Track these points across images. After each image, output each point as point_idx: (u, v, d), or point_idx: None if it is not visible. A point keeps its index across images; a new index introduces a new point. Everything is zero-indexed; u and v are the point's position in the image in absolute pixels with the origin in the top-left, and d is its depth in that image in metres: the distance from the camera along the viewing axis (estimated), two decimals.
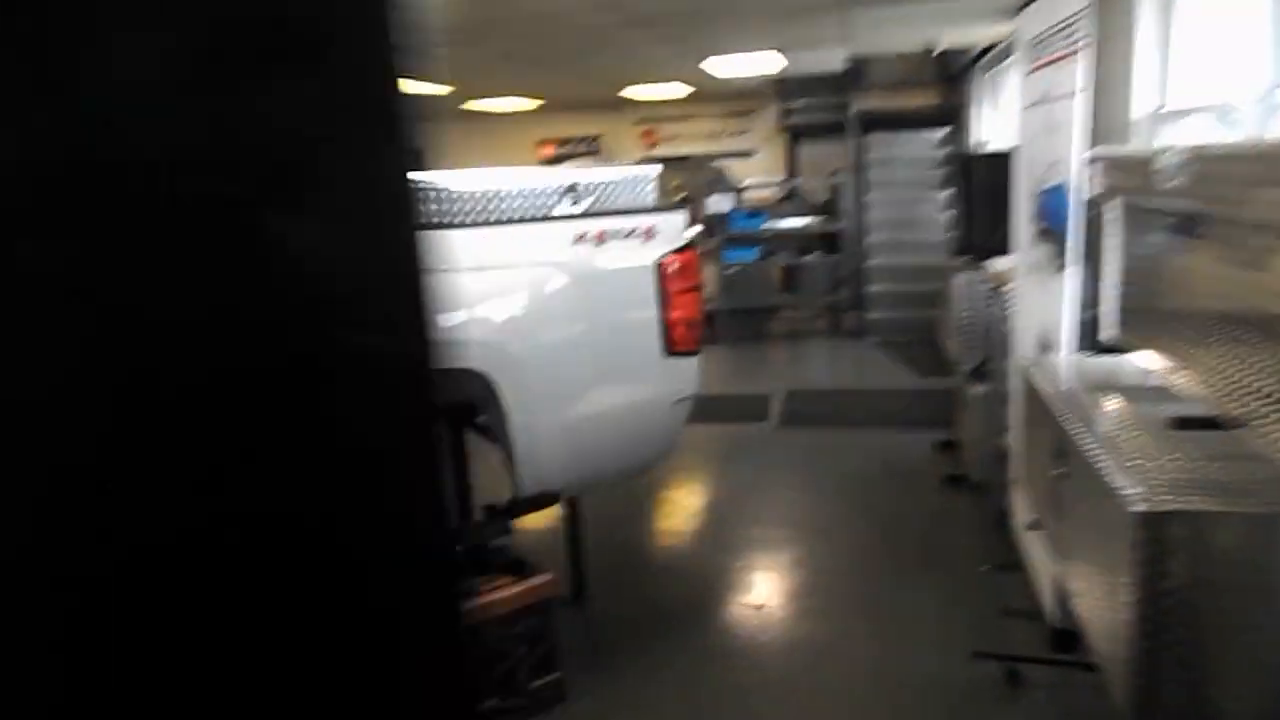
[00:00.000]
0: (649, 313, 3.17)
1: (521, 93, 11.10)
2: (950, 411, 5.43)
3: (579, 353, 3.02)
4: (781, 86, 11.46)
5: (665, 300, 3.19)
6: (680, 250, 3.25)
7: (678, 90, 11.30)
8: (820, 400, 6.92)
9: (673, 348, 3.24)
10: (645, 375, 3.22)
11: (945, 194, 9.64)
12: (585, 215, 3.08)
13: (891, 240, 9.49)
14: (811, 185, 11.91)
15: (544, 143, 13.42)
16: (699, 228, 10.53)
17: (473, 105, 11.76)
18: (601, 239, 3.05)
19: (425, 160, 0.88)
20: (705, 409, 7.11)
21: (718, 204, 9.09)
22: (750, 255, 9.25)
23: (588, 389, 3.07)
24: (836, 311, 9.55)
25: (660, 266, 3.17)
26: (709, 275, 9.53)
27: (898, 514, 4.55)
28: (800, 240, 9.52)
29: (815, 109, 11.62)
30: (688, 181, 12.68)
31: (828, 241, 9.42)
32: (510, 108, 12.32)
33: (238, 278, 0.75)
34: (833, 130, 11.52)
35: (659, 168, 3.28)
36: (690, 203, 10.94)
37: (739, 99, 12.65)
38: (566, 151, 13.39)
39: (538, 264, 2.92)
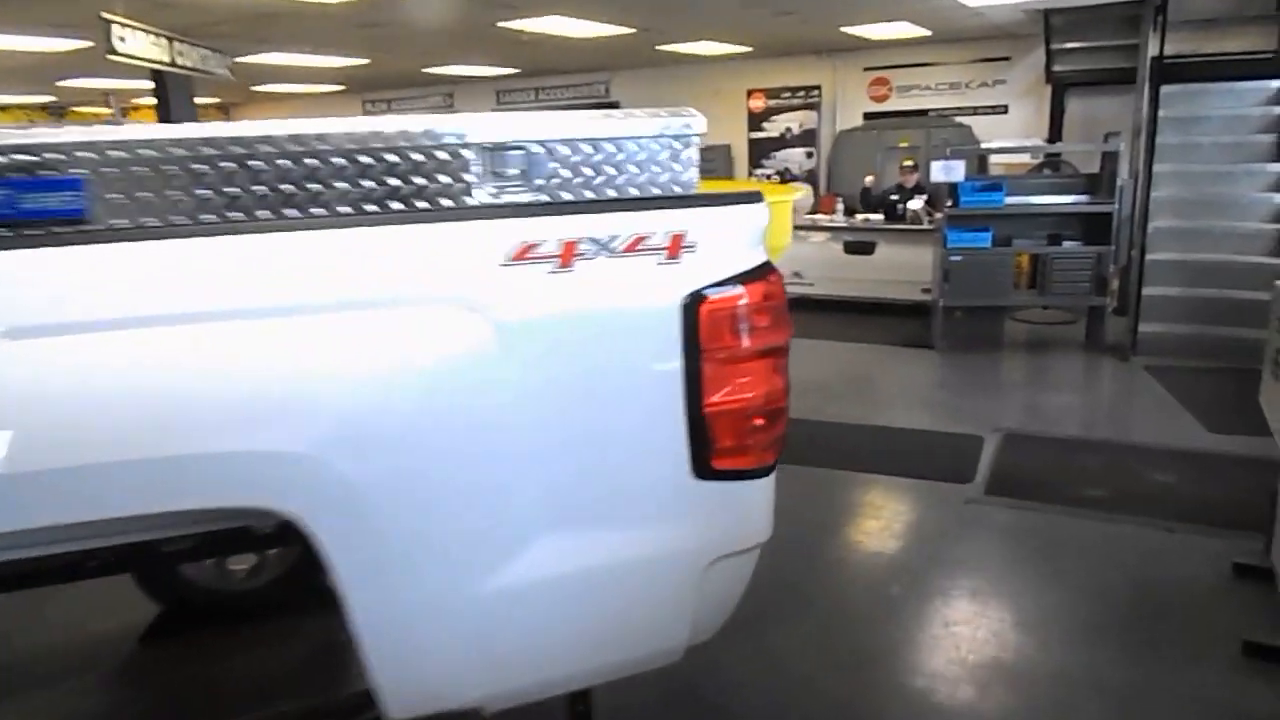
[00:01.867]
0: (664, 398, 1.65)
1: (719, 36, 9.52)
2: (1267, 511, 3.41)
3: (507, 473, 1.57)
4: (1050, 25, 9.08)
5: (703, 374, 1.65)
6: (746, 278, 1.69)
7: (911, 31, 9.24)
8: (1052, 455, 4.96)
9: (713, 464, 1.70)
10: (652, 513, 1.71)
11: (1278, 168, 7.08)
12: (534, 209, 1.60)
13: (1185, 228, 7.11)
14: (1078, 151, 9.46)
15: (754, 93, 11.75)
16: (921, 201, 8.54)
17: (671, 49, 10.33)
18: (570, 255, 1.56)
19: None
20: (886, 450, 5.22)
21: (945, 171, 7.10)
22: (983, 239, 7.20)
23: (527, 539, 1.61)
24: (1097, 319, 7.30)
25: (696, 311, 1.63)
26: (929, 260, 7.58)
27: (1156, 713, 2.72)
28: (1054, 222, 7.33)
29: (1093, 53, 9.14)
30: (923, 142, 10.61)
31: (1093, 226, 7.17)
32: (715, 52, 10.77)
33: None
34: (1114, 81, 9.05)
35: (699, 120, 1.71)
36: (914, 170, 8.93)
37: (991, 41, 10.32)
38: (779, 104, 11.66)
39: (415, 304, 1.49)
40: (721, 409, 1.69)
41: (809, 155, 11.62)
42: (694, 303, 1.64)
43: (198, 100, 16.36)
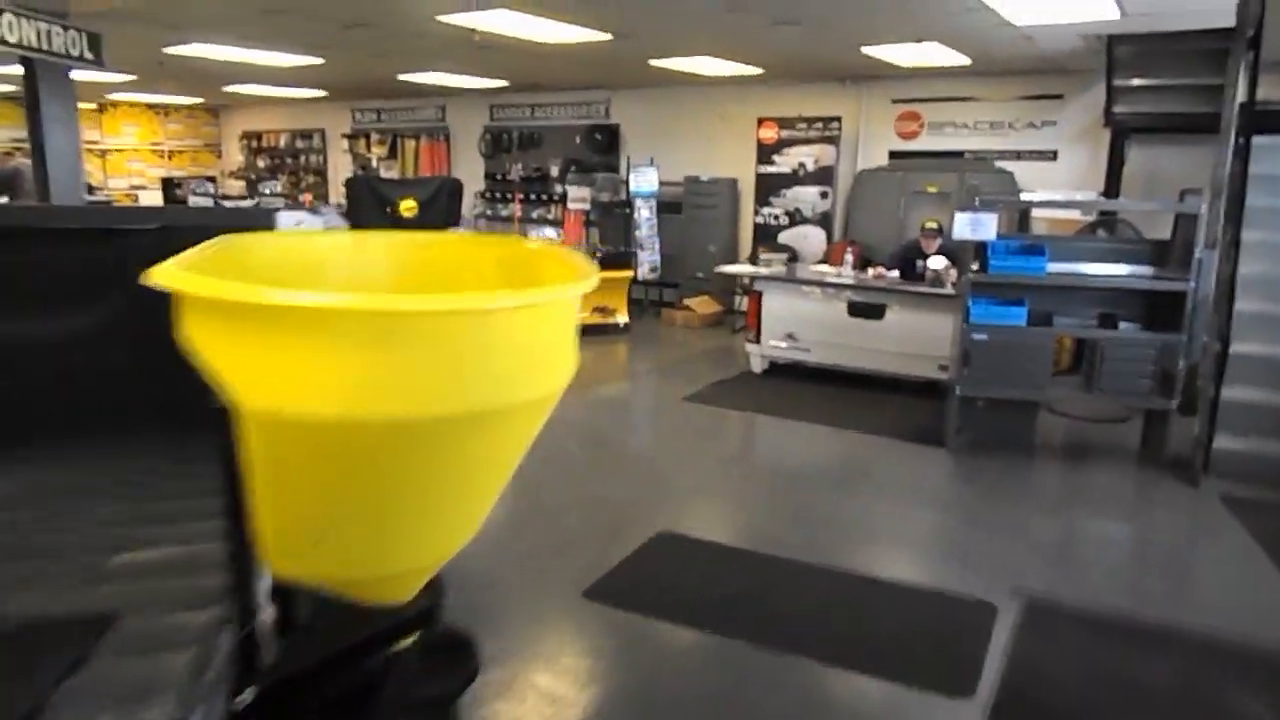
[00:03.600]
0: None
1: (716, 51, 8.12)
2: None
3: None
4: (1113, 57, 7.59)
5: None
6: None
7: (946, 57, 7.80)
8: (1093, 649, 3.43)
9: None
10: None
11: None
12: None
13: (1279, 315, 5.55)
14: (1142, 211, 7.92)
15: (765, 121, 10.32)
16: (944, 261, 7.04)
17: (671, 65, 8.98)
18: None
19: None
20: (857, 620, 3.41)
21: (971, 226, 5.61)
22: (1015, 315, 5.70)
23: None
24: (1157, 423, 5.74)
25: None
26: (950, 331, 6.07)
27: None
28: (1107, 299, 5.81)
29: (1163, 93, 7.63)
30: (955, 187, 9.14)
31: (1158, 306, 5.65)
32: (722, 72, 9.40)
33: None
34: (1187, 129, 7.53)
35: None
36: (937, 235, 7.34)
37: (1042, 76, 8.84)
38: (793, 135, 10.22)
39: None
40: None
41: (823, 195, 10.16)
42: None
43: (180, 100, 15.29)
